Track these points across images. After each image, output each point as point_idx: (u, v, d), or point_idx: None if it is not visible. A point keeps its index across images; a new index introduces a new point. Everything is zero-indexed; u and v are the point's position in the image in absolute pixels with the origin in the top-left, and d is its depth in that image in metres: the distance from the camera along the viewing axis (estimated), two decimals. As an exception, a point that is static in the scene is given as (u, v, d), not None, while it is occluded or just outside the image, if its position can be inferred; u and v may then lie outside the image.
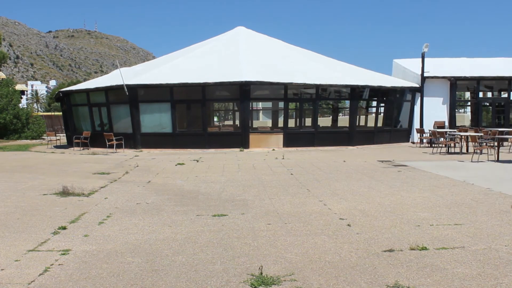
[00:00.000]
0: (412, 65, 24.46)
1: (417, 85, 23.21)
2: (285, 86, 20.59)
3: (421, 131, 21.37)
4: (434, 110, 23.07)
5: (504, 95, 25.87)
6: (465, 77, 23.58)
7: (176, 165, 13.89)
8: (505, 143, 19.08)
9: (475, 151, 14.76)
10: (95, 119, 22.54)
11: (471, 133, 17.59)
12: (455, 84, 23.44)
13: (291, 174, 11.44)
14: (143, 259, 4.74)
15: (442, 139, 18.45)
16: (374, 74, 25.08)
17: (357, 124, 23.05)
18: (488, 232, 5.60)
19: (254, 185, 9.60)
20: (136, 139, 20.41)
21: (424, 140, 21.31)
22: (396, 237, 5.42)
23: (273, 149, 19.56)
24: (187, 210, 7.20)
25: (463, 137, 17.34)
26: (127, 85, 19.75)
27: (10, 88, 33.39)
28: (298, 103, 27.89)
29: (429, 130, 21.27)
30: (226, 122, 38.97)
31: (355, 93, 21.73)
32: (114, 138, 19.79)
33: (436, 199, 7.77)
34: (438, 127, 22.28)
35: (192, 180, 10.55)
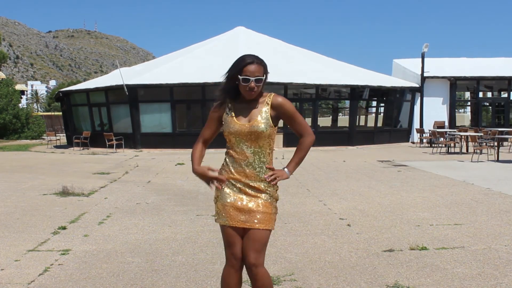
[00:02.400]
0: (412, 65, 24.46)
1: (417, 85, 23.21)
2: (285, 86, 20.58)
3: (421, 131, 21.37)
4: (434, 110, 23.07)
5: (504, 95, 25.89)
6: (465, 77, 23.58)
7: (176, 165, 13.89)
8: (505, 143, 19.08)
9: (475, 151, 14.76)
10: (95, 119, 22.54)
11: (471, 133, 17.59)
12: (455, 84, 23.44)
13: (291, 174, 11.42)
14: (143, 259, 4.74)
15: (442, 139, 18.46)
16: (374, 74, 25.08)
17: (357, 124, 23.06)
18: (488, 232, 5.60)
19: (254, 185, 9.59)
20: (136, 139, 20.41)
21: (424, 140, 21.31)
22: (396, 237, 5.42)
23: (273, 149, 19.55)
24: (187, 210, 7.20)
25: (463, 137, 17.34)
26: (127, 85, 19.74)
27: (10, 88, 33.38)
28: (298, 103, 27.84)
29: (429, 130, 21.27)
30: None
31: (355, 93, 21.73)
32: (114, 138, 19.79)
33: (436, 199, 7.77)
34: (438, 127, 22.28)
35: (192, 180, 10.54)
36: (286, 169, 2.90)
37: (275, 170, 2.86)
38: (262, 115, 2.83)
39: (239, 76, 2.81)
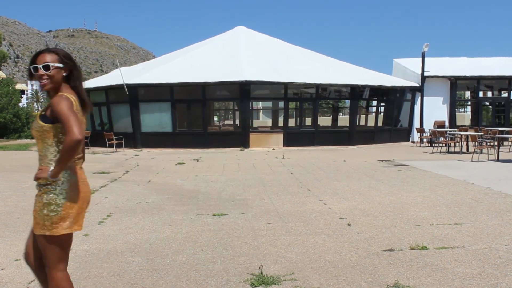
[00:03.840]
0: (412, 64, 24.45)
1: (417, 85, 23.20)
2: (285, 85, 20.58)
3: (421, 130, 21.36)
4: (434, 109, 23.06)
5: (504, 94, 25.86)
6: (465, 76, 23.57)
7: (176, 164, 13.89)
8: (505, 143, 19.07)
9: (475, 150, 14.76)
10: (95, 119, 22.55)
11: (471, 132, 17.58)
12: (455, 83, 23.43)
13: (291, 173, 11.44)
14: (143, 258, 4.74)
15: (442, 138, 18.45)
16: (374, 73, 25.07)
17: (357, 123, 23.06)
18: (488, 231, 5.60)
19: (254, 185, 9.59)
20: (136, 139, 20.41)
21: (424, 140, 21.31)
22: (396, 237, 5.42)
23: (273, 149, 19.56)
24: (187, 209, 7.20)
25: (463, 136, 17.34)
26: (127, 85, 19.75)
27: (10, 88, 33.37)
28: (298, 103, 27.88)
29: (429, 130, 21.26)
30: (226, 122, 38.97)
31: (355, 92, 21.73)
32: (114, 137, 19.79)
33: (436, 199, 7.77)
34: (438, 127, 22.28)
35: (192, 180, 10.55)
36: (51, 169, 2.70)
37: (43, 167, 2.74)
38: (45, 110, 2.76)
39: (30, 67, 2.74)
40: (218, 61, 21.84)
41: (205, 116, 20.93)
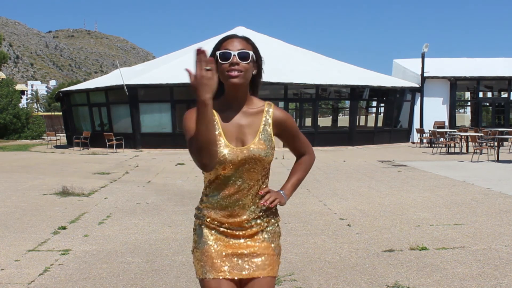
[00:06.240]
0: (412, 65, 24.46)
1: (417, 85, 23.20)
2: (285, 86, 20.59)
3: (421, 131, 21.37)
4: (434, 110, 23.06)
5: (504, 95, 25.89)
6: (465, 77, 23.57)
7: (176, 165, 13.89)
8: (505, 143, 19.07)
9: (475, 151, 14.76)
10: (95, 119, 22.54)
11: (471, 133, 17.58)
12: (455, 84, 23.44)
13: (291, 174, 11.42)
14: (143, 259, 4.74)
15: (442, 139, 18.46)
16: (374, 74, 25.08)
17: (357, 124, 23.05)
18: (488, 232, 5.60)
19: (254, 185, 9.58)
20: (136, 139, 20.40)
21: (424, 140, 21.31)
22: (396, 237, 5.42)
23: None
24: (187, 210, 7.19)
25: (463, 137, 17.34)
26: (127, 85, 19.74)
27: (10, 88, 33.38)
28: (298, 103, 27.89)
29: (429, 130, 21.26)
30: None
31: (355, 93, 21.72)
32: (114, 138, 19.78)
33: (436, 199, 7.77)
34: (438, 127, 22.27)
35: (192, 180, 10.55)
36: (282, 192, 2.19)
37: (271, 192, 2.09)
38: (263, 133, 2.00)
39: (217, 52, 2.00)
40: (218, 62, 21.80)
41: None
